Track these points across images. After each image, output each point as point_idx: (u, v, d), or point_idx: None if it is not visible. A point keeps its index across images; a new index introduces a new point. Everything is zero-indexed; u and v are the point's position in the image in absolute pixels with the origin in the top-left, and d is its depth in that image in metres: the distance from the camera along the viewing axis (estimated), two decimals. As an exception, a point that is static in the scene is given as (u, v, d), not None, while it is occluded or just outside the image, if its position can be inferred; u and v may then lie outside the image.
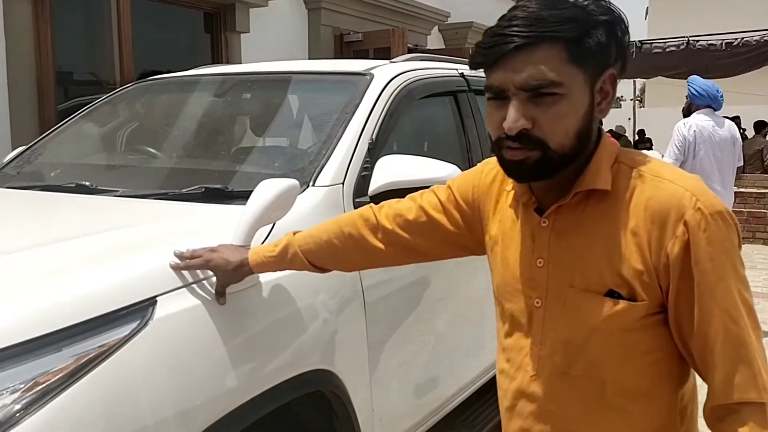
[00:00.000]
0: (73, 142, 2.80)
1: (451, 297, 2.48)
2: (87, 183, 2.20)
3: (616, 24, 1.11)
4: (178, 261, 1.50)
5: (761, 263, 8.18)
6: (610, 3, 1.12)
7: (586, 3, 1.10)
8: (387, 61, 2.68)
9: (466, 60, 1.23)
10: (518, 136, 1.09)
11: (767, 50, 10.87)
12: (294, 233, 1.52)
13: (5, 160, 2.73)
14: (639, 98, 25.33)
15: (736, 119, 13.25)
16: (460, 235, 1.39)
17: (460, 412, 2.74)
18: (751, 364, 1.08)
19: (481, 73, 1.15)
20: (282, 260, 1.49)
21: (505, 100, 1.10)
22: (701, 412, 1.18)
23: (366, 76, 2.43)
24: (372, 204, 1.49)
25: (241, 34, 5.62)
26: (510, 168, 1.16)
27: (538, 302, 1.20)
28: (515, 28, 1.07)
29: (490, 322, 2.74)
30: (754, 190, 9.87)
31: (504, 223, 1.28)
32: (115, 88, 4.48)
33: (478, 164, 1.44)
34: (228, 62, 5.07)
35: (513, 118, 1.08)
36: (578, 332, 1.15)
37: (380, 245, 1.43)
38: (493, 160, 1.34)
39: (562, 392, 1.19)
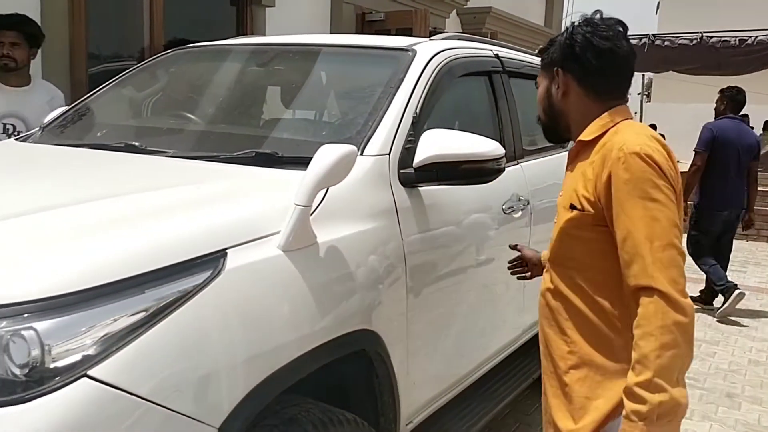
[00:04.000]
0: (115, 105, 2.85)
1: (484, 273, 2.56)
2: (136, 144, 2.26)
3: (564, 40, 1.74)
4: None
5: (765, 260, 8.29)
6: (571, 24, 1.77)
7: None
8: (427, 39, 2.73)
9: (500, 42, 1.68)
10: None
11: (781, 49, 10.87)
12: None
13: (47, 120, 2.78)
14: (646, 93, 25.26)
15: (745, 117, 13.26)
16: None
17: (480, 384, 2.83)
18: (644, 258, 1.50)
19: (515, 54, 1.63)
20: None
21: None
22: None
23: (409, 52, 2.48)
24: None
25: (266, 8, 5.65)
26: None
27: (556, 219, 1.79)
28: None
29: (514, 298, 2.84)
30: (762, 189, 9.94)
31: None
32: (144, 56, 4.54)
33: None
34: (253, 35, 5.10)
35: None
36: (555, 232, 1.76)
37: None
38: None
39: (553, 273, 1.77)
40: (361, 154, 2.04)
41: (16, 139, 2.69)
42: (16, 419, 1.13)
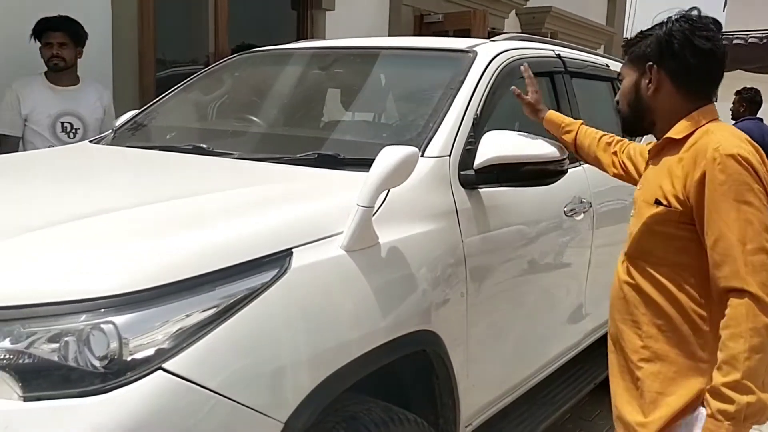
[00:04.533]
0: (183, 109, 2.95)
1: (544, 276, 2.53)
2: (204, 146, 2.33)
3: (663, 35, 1.72)
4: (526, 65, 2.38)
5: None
6: (668, 20, 1.74)
7: (656, 25, 1.77)
8: (488, 40, 2.72)
9: (562, 42, 1.66)
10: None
11: None
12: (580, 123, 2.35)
13: (118, 123, 2.90)
14: (713, 92, 24.36)
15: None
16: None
17: (540, 389, 2.80)
18: (735, 260, 1.51)
19: (577, 54, 1.74)
20: (564, 129, 2.34)
21: None
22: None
23: (470, 54, 2.48)
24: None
25: (326, 12, 5.72)
26: None
27: (632, 212, 1.82)
28: None
29: (575, 302, 2.80)
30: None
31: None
32: (209, 61, 4.66)
33: None
34: (313, 38, 5.19)
35: None
36: (637, 227, 1.74)
37: (612, 161, 2.23)
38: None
39: (632, 267, 1.77)
40: (422, 155, 2.05)
41: (90, 142, 2.81)
42: (96, 409, 1.19)
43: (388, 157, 1.67)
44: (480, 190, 2.16)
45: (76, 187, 1.99)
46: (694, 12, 1.73)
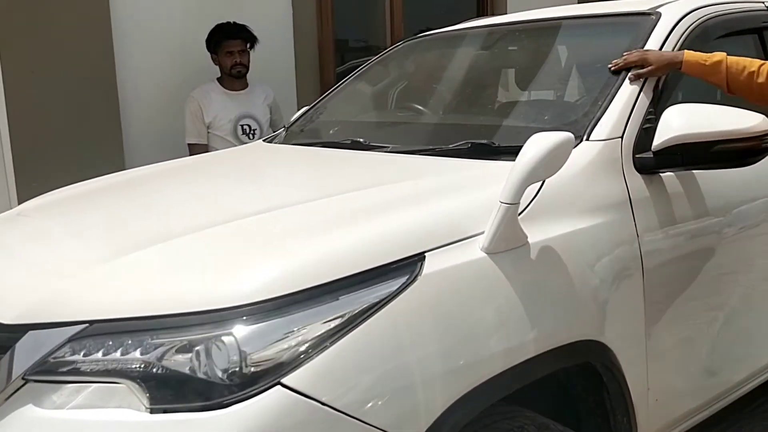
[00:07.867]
0: (348, 102, 2.95)
1: (744, 270, 2.14)
2: (361, 140, 2.29)
3: None
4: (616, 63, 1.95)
5: None
6: None
7: None
8: (675, -2, 2.36)
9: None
10: None
11: None
12: (726, 55, 1.95)
13: (292, 119, 2.98)
14: None
15: None
16: None
17: (748, 401, 2.40)
18: None
19: None
20: (711, 71, 1.93)
21: None
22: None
23: (651, 16, 2.18)
24: None
25: (506, -14, 5.47)
26: None
27: None
28: None
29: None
30: None
31: None
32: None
33: None
34: (493, 15, 4.96)
35: None
36: None
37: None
38: None
39: None
40: (587, 139, 1.82)
41: (264, 140, 2.92)
42: (216, 422, 1.17)
43: (535, 146, 1.48)
44: (661, 174, 1.87)
45: (224, 191, 2.05)
46: None
